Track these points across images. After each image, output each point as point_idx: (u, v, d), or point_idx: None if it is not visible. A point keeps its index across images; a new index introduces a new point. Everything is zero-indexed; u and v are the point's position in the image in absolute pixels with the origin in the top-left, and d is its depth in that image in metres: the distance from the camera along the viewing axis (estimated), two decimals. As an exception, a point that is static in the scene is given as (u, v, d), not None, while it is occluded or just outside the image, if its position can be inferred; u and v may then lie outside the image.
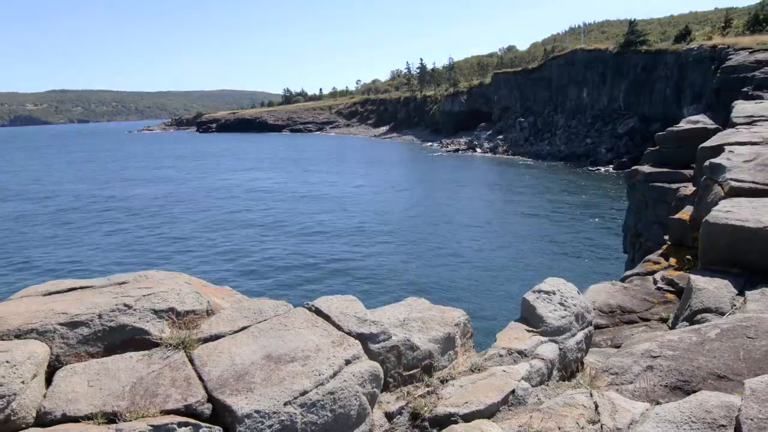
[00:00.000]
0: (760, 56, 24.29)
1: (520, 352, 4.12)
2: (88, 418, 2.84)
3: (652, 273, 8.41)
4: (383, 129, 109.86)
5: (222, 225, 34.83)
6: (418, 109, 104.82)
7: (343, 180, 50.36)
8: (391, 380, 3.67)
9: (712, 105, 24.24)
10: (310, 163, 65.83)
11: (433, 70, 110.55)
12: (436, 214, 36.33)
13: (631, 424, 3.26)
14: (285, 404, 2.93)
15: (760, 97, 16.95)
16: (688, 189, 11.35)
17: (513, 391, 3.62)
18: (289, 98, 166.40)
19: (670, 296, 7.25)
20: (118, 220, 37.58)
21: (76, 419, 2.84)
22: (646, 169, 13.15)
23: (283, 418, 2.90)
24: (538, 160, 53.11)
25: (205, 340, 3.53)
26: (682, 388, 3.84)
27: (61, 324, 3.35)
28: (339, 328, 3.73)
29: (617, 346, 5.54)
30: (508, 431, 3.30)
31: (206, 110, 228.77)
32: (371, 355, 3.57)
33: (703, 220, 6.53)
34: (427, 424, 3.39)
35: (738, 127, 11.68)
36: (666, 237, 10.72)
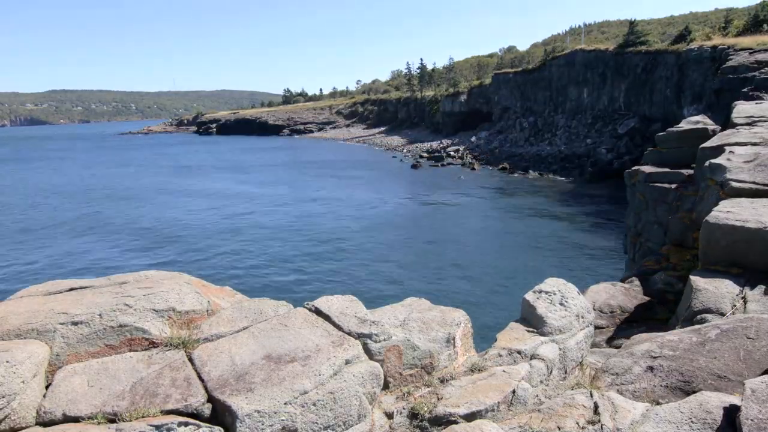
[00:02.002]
0: (761, 57, 24.28)
1: (520, 353, 4.12)
2: (89, 418, 2.84)
3: (652, 273, 8.41)
4: (380, 129, 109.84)
5: (222, 226, 34.84)
6: (418, 109, 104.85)
7: (342, 184, 50.33)
8: (391, 380, 3.67)
9: (712, 105, 24.24)
10: (306, 168, 65.72)
11: (433, 70, 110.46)
12: (435, 215, 36.34)
13: (632, 424, 3.26)
14: (285, 404, 2.93)
15: (761, 98, 16.95)
16: (689, 189, 11.35)
17: (513, 392, 3.62)
18: (289, 98, 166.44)
19: (670, 297, 7.25)
20: (118, 220, 37.59)
21: (76, 419, 2.84)
22: (646, 169, 13.14)
23: (283, 417, 2.90)
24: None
25: (206, 340, 3.53)
26: (683, 389, 3.84)
27: (61, 324, 3.35)
28: (339, 328, 3.73)
29: (617, 347, 5.54)
30: (508, 431, 3.30)
31: (206, 110, 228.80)
32: (371, 355, 3.57)
33: (703, 220, 6.53)
34: (427, 424, 3.39)
35: (738, 127, 11.67)
36: (666, 237, 10.73)
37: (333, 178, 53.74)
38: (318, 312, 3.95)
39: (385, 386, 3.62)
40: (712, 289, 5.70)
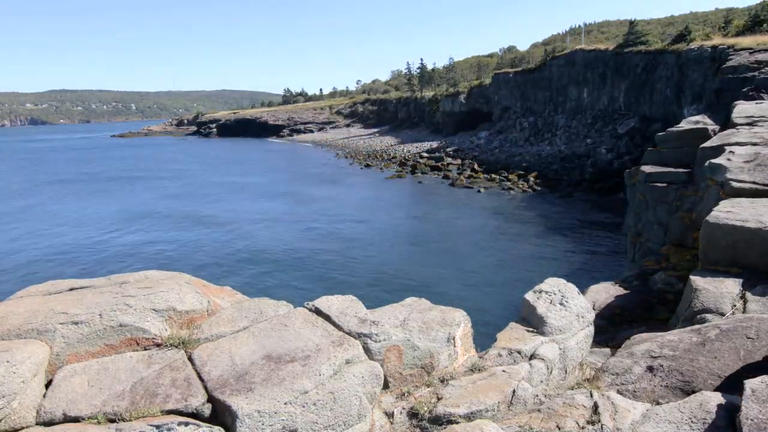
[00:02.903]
0: (761, 57, 24.25)
1: (520, 352, 4.12)
2: (89, 417, 2.84)
3: (653, 273, 8.41)
4: (379, 129, 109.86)
5: (221, 225, 34.84)
6: (418, 109, 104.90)
7: (340, 188, 50.31)
8: (391, 380, 3.67)
9: (712, 105, 24.21)
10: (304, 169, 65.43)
11: (433, 70, 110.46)
12: (435, 216, 36.34)
13: (632, 424, 3.26)
14: (285, 404, 2.93)
15: (761, 98, 16.96)
16: (689, 189, 11.35)
17: (513, 392, 3.62)
18: (289, 98, 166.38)
19: (670, 297, 7.25)
20: (119, 221, 37.60)
21: (76, 419, 2.84)
22: (646, 169, 13.14)
23: (283, 417, 2.90)
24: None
25: (206, 340, 3.53)
26: (683, 389, 3.84)
27: (61, 324, 3.35)
28: (339, 328, 3.73)
29: (617, 347, 5.54)
30: (508, 431, 3.30)
31: (206, 110, 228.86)
32: (371, 355, 3.57)
33: (704, 220, 6.53)
34: (426, 423, 3.39)
35: (738, 127, 11.69)
36: (666, 237, 10.73)
37: (330, 182, 53.63)
38: (318, 312, 3.95)
39: (385, 386, 3.62)
40: (712, 289, 5.70)
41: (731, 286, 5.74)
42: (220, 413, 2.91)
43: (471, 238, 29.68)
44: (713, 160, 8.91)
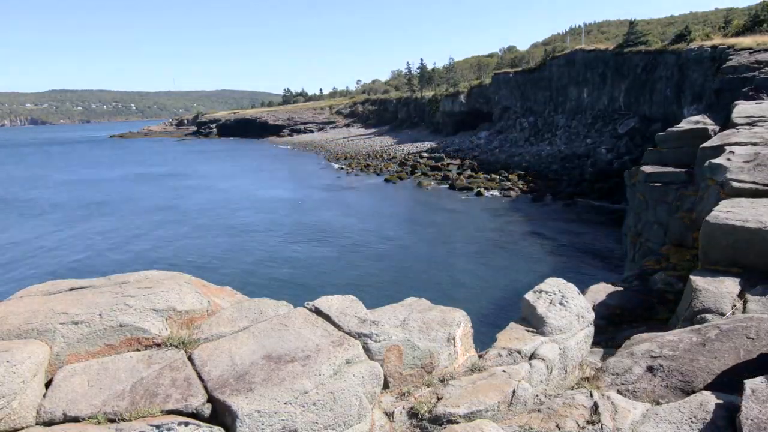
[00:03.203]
0: (761, 57, 24.24)
1: (520, 352, 4.12)
2: (89, 417, 2.84)
3: (652, 273, 8.41)
4: (379, 129, 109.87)
5: (222, 226, 34.84)
6: (418, 109, 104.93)
7: (341, 185, 50.24)
8: (391, 380, 3.67)
9: (712, 105, 24.18)
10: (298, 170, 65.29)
11: (433, 70, 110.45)
12: (434, 216, 36.33)
13: (632, 424, 3.26)
14: (285, 404, 2.93)
15: (761, 98, 16.96)
16: (689, 189, 11.35)
17: (513, 392, 3.62)
18: (289, 98, 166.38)
19: (670, 297, 7.25)
20: (119, 221, 37.60)
21: (76, 419, 2.84)
22: (646, 169, 13.14)
23: (283, 417, 2.90)
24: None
25: (206, 340, 3.53)
26: (683, 389, 3.84)
27: (61, 324, 3.35)
28: (339, 328, 3.73)
29: (617, 346, 5.54)
30: (508, 431, 3.30)
31: (206, 110, 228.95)
32: (371, 355, 3.57)
33: (704, 220, 6.53)
34: (426, 423, 3.39)
35: (738, 127, 11.69)
36: (666, 237, 10.74)
37: (329, 184, 53.54)
38: (318, 312, 3.95)
39: (385, 386, 3.62)
40: (712, 289, 5.70)
41: (731, 286, 5.74)
42: (220, 413, 2.91)
43: (471, 238, 29.68)
44: (713, 160, 8.92)
